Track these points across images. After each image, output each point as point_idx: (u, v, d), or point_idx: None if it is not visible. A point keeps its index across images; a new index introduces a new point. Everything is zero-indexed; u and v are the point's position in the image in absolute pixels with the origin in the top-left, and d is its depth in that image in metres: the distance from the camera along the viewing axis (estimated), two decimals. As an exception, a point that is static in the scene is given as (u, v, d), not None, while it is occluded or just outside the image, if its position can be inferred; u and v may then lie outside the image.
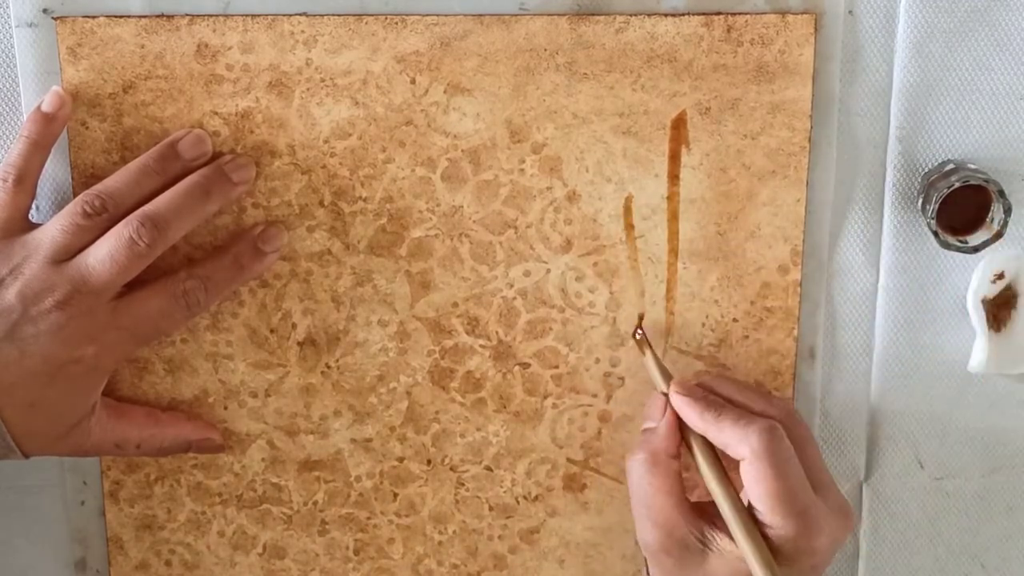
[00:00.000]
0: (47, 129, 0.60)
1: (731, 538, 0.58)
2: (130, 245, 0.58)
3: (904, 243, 0.65)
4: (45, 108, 0.60)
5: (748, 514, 0.58)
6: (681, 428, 0.61)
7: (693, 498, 0.61)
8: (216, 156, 0.62)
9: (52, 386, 0.58)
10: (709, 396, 0.61)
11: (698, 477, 0.60)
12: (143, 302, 0.60)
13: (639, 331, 0.65)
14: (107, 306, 0.58)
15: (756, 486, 0.57)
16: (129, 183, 0.59)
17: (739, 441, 0.58)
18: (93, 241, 0.58)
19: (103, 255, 0.58)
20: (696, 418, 0.60)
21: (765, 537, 0.57)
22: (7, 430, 0.58)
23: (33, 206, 0.61)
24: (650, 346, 0.64)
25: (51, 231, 0.58)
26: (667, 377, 0.63)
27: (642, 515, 0.60)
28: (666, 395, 0.62)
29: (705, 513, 0.60)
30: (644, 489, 0.60)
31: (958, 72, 0.63)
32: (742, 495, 0.59)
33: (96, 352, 0.59)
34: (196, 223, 0.60)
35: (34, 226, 0.60)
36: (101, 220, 0.58)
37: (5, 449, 0.58)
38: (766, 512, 0.57)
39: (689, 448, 0.61)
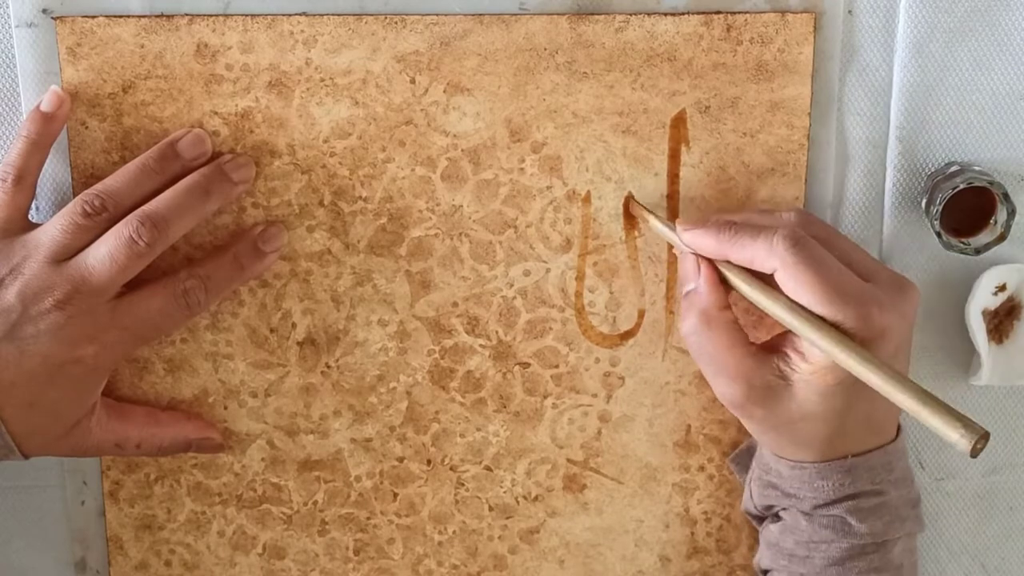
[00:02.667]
0: (46, 128, 0.60)
1: (807, 360, 0.57)
2: (130, 244, 0.58)
3: (904, 243, 0.65)
4: (44, 107, 0.60)
5: (815, 316, 0.55)
6: (718, 273, 0.59)
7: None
8: (216, 156, 0.62)
9: (52, 386, 0.58)
10: (720, 222, 0.59)
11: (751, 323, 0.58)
12: (143, 301, 0.60)
13: (633, 202, 0.63)
14: (107, 305, 0.58)
15: (801, 291, 0.55)
16: (129, 183, 0.59)
17: (766, 253, 0.56)
18: (93, 241, 0.58)
19: (103, 254, 0.58)
20: (713, 244, 0.58)
21: None
22: (7, 430, 0.58)
23: (33, 206, 0.62)
24: (650, 211, 0.63)
25: (51, 231, 0.58)
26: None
27: (716, 374, 0.59)
28: (696, 254, 0.60)
29: (774, 349, 0.59)
30: (708, 350, 0.59)
31: (958, 72, 0.63)
32: None
33: (96, 352, 0.59)
34: (196, 222, 0.60)
35: (34, 226, 0.60)
36: (101, 220, 0.58)
37: (5, 449, 0.58)
38: (823, 311, 0.55)
39: (730, 285, 0.59)
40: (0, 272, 0.58)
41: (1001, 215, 0.62)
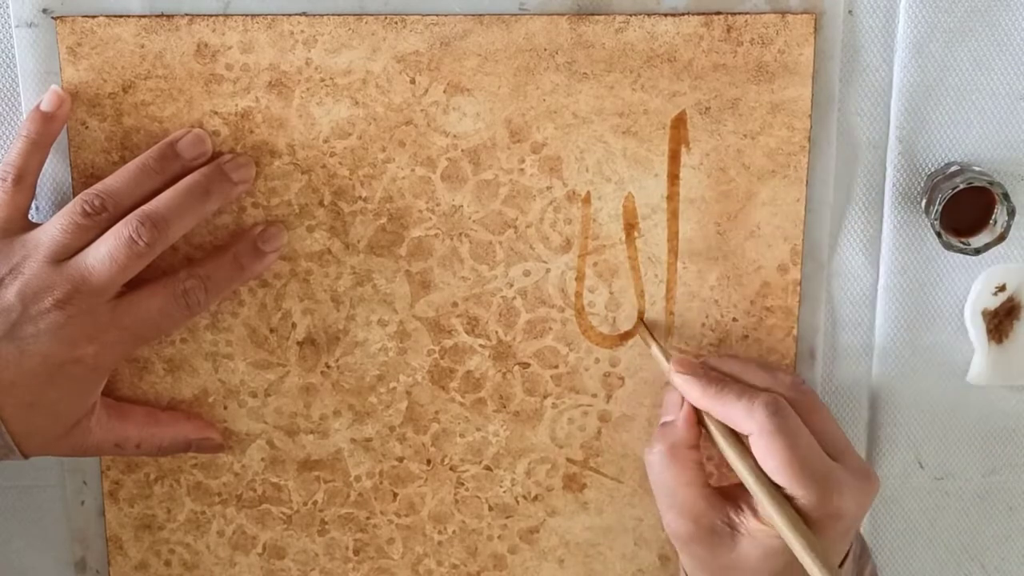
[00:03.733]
0: (46, 128, 0.60)
1: (758, 518, 0.58)
2: (130, 244, 0.58)
3: (904, 243, 0.65)
4: (44, 107, 0.60)
5: (774, 485, 0.57)
6: (698, 414, 0.61)
7: (713, 483, 0.61)
8: (216, 155, 0.62)
9: (52, 385, 0.58)
10: (711, 373, 0.61)
11: (714, 464, 0.60)
12: (143, 301, 0.60)
13: (642, 324, 0.65)
14: (107, 305, 0.58)
15: (769, 459, 0.57)
16: (129, 182, 0.59)
17: (744, 416, 0.58)
18: (93, 240, 0.58)
19: (103, 254, 0.58)
20: (699, 395, 0.60)
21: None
22: (6, 430, 0.58)
23: (32, 205, 0.61)
24: (654, 338, 0.65)
25: (51, 230, 0.58)
26: None
27: (668, 507, 0.60)
28: None
29: (729, 497, 0.60)
30: (667, 482, 0.60)
31: (958, 72, 0.63)
32: None
33: (96, 351, 0.59)
34: (196, 222, 0.60)
35: (33, 225, 0.60)
36: (101, 219, 0.58)
37: (5, 449, 0.58)
38: (785, 483, 0.57)
39: (706, 429, 0.61)
40: (0, 272, 0.58)
41: (1001, 215, 0.62)
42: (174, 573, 0.68)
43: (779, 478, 0.57)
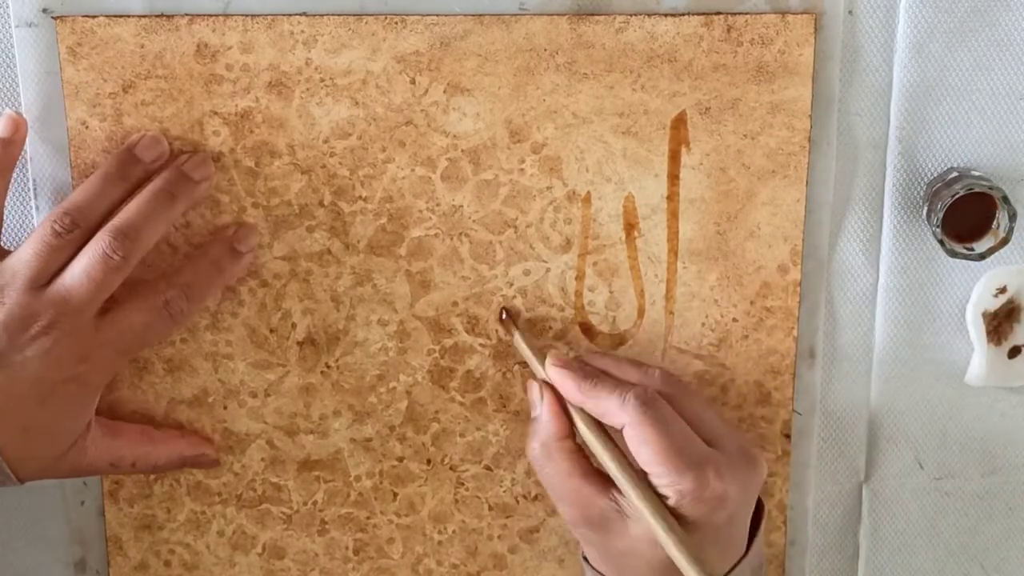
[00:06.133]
0: (5, 153, 0.60)
1: None
2: (104, 260, 0.57)
3: (904, 243, 0.65)
4: (1, 133, 0.60)
5: (643, 478, 0.58)
6: (562, 404, 0.61)
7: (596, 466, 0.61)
8: (173, 157, 0.62)
9: (44, 408, 0.58)
10: (586, 367, 0.62)
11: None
12: (127, 316, 0.60)
13: (504, 313, 0.65)
14: (91, 323, 0.58)
15: (641, 449, 0.57)
16: (95, 194, 0.59)
17: (617, 409, 0.58)
18: (68, 259, 0.58)
19: (79, 274, 0.57)
20: (573, 390, 0.60)
21: (665, 498, 0.57)
22: (2, 457, 0.58)
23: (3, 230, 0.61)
24: (517, 327, 0.64)
25: (25, 257, 0.58)
26: (542, 359, 0.62)
27: (557, 499, 0.61)
28: (543, 381, 0.62)
29: (613, 482, 0.59)
30: (549, 476, 0.61)
31: (958, 72, 0.63)
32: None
33: (86, 370, 0.58)
34: (167, 227, 0.61)
35: (5, 252, 0.59)
36: (74, 237, 0.58)
37: (1, 476, 0.58)
38: (659, 472, 0.57)
39: (574, 424, 0.61)
40: None
41: (1003, 219, 0.62)
42: (174, 573, 0.69)
43: (652, 467, 0.57)
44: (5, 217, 0.62)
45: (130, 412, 0.66)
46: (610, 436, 0.60)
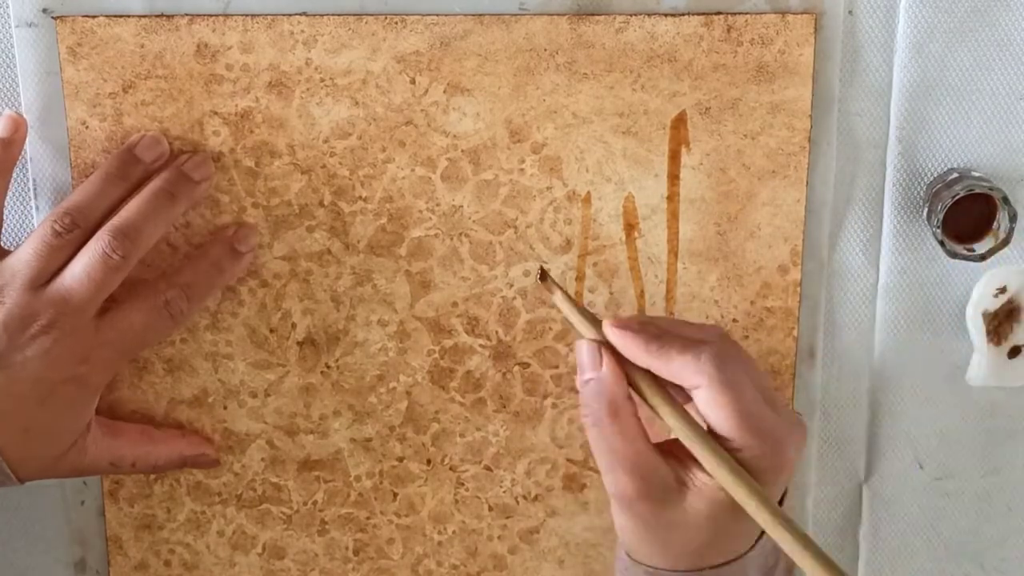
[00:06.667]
0: (5, 154, 0.60)
1: (705, 471, 0.55)
2: (104, 260, 0.57)
3: (904, 243, 0.65)
4: (1, 133, 0.60)
5: (716, 441, 0.55)
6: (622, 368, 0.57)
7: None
8: (173, 157, 0.62)
9: (45, 408, 0.58)
10: (649, 327, 0.57)
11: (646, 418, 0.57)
12: (126, 316, 0.60)
13: (542, 272, 0.59)
14: (91, 323, 0.58)
15: (719, 411, 0.54)
16: (95, 195, 0.59)
17: (693, 370, 0.55)
18: (68, 259, 0.58)
19: (79, 273, 0.57)
20: (642, 352, 0.56)
21: (738, 462, 0.54)
22: (2, 457, 0.58)
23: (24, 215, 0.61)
24: (561, 288, 0.58)
25: (25, 256, 0.58)
26: (592, 320, 0.57)
27: (613, 466, 0.57)
28: (596, 341, 0.57)
29: (672, 452, 0.57)
30: (609, 439, 0.56)
31: (958, 72, 0.63)
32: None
33: (86, 370, 0.59)
34: (166, 228, 0.61)
35: (5, 252, 0.59)
36: (73, 237, 0.58)
37: (1, 476, 0.58)
38: (735, 436, 0.54)
39: (635, 388, 0.57)
40: None
41: (1003, 220, 0.62)
42: (174, 573, 0.69)
43: (729, 431, 0.54)
44: (5, 217, 0.62)
45: (130, 412, 0.66)
46: (675, 398, 0.56)
